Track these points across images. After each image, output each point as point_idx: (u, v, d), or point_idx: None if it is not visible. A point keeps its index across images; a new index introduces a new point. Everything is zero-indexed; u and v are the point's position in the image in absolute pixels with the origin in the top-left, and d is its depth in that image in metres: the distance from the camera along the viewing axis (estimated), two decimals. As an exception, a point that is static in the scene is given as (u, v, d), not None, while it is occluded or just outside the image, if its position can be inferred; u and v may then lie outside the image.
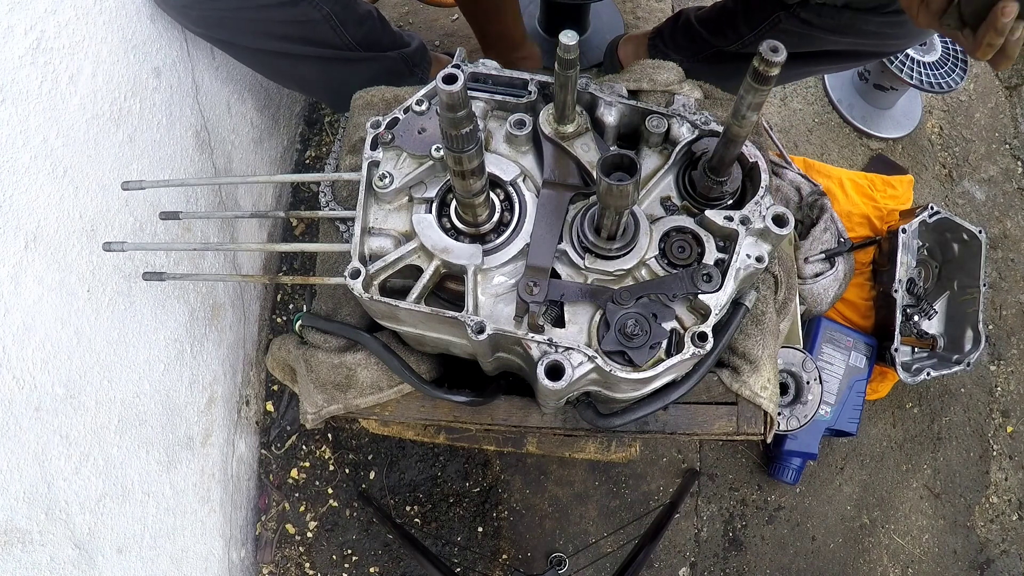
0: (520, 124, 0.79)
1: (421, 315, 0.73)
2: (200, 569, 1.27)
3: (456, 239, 0.74)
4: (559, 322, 0.73)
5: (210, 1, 1.00)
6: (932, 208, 1.55)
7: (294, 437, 1.57)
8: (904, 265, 1.52)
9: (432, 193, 0.77)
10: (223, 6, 1.01)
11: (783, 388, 1.39)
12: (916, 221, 1.54)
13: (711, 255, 0.75)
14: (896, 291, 1.51)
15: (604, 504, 1.57)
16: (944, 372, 1.52)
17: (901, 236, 1.53)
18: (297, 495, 1.55)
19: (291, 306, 1.65)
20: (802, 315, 1.52)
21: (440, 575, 1.20)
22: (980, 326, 1.50)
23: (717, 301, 0.71)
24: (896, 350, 1.51)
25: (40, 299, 0.83)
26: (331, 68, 1.19)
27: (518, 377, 0.93)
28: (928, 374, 1.51)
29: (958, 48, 1.78)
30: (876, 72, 1.82)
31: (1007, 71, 2.01)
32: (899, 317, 1.51)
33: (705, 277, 0.72)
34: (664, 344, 0.71)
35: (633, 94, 0.99)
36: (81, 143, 0.88)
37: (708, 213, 0.75)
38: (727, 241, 0.76)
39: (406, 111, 0.79)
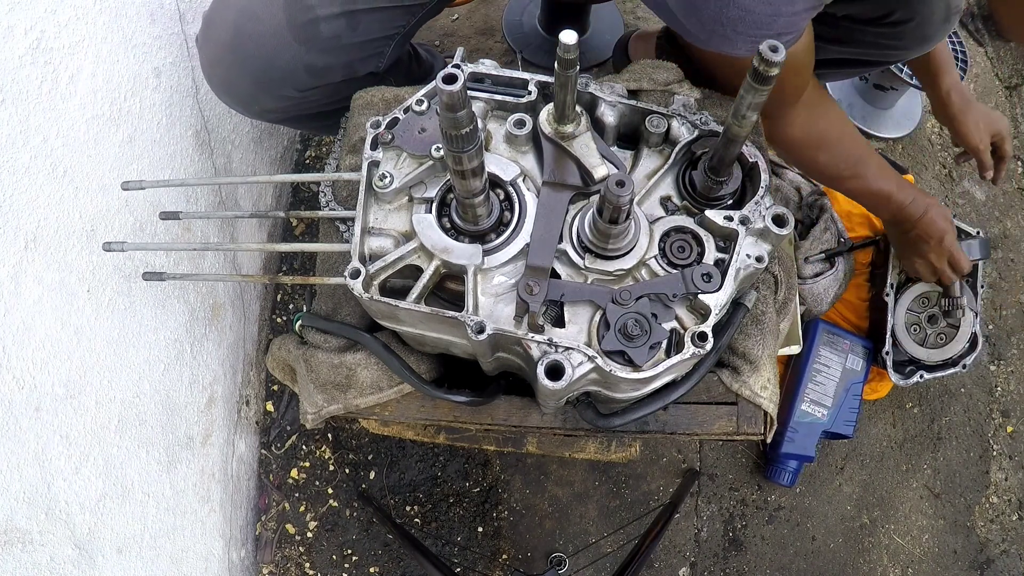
0: (520, 124, 0.79)
1: (421, 315, 0.73)
2: (200, 569, 1.27)
3: (456, 239, 0.74)
4: (559, 322, 0.73)
5: (296, 106, 1.06)
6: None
7: (294, 437, 1.57)
8: (896, 268, 1.52)
9: (432, 193, 0.77)
10: (308, 107, 1.08)
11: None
12: None
13: (711, 255, 0.75)
14: (887, 294, 1.51)
15: (604, 504, 1.57)
16: (939, 374, 1.52)
17: None
18: (297, 495, 1.55)
19: (291, 306, 1.65)
20: (802, 315, 1.52)
21: (440, 575, 1.20)
22: (979, 326, 1.50)
23: (717, 301, 0.71)
24: (887, 353, 1.50)
25: (40, 299, 0.83)
26: None
27: (518, 377, 0.93)
28: (921, 376, 1.51)
29: (957, 48, 1.78)
30: (876, 72, 1.82)
31: (1007, 71, 2.01)
32: (890, 320, 1.51)
33: (705, 277, 0.72)
34: (664, 344, 0.71)
35: (633, 94, 0.99)
36: (81, 143, 0.88)
37: (708, 213, 0.75)
38: (727, 241, 0.76)
39: (406, 111, 0.79)
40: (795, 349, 1.42)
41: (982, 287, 1.52)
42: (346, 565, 1.52)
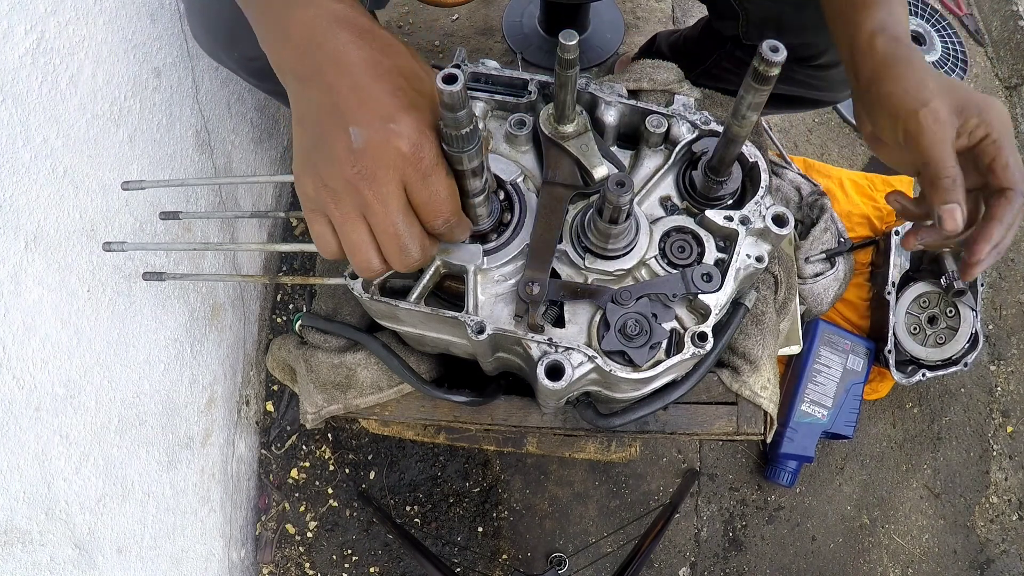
0: (520, 124, 0.79)
1: (421, 315, 0.72)
2: (200, 569, 1.27)
3: (456, 239, 0.74)
4: (559, 322, 0.73)
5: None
6: (929, 209, 1.55)
7: (294, 437, 1.57)
8: (897, 267, 1.52)
9: (432, 193, 0.77)
10: None
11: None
12: (910, 223, 1.54)
13: (711, 255, 0.75)
14: (889, 292, 1.51)
15: (604, 504, 1.57)
16: (940, 373, 1.52)
17: (894, 238, 1.53)
18: (297, 495, 1.55)
19: (291, 306, 1.65)
20: (802, 315, 1.52)
21: (440, 575, 1.20)
22: (979, 326, 1.50)
23: (717, 301, 0.71)
24: (889, 351, 1.50)
25: (40, 299, 0.83)
26: None
27: (518, 377, 0.93)
28: (923, 375, 1.51)
29: (958, 48, 1.78)
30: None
31: (1007, 71, 2.01)
32: (892, 318, 1.51)
33: (705, 277, 0.72)
34: (664, 344, 0.71)
35: (633, 94, 1.00)
36: (81, 143, 0.88)
37: (708, 213, 0.75)
38: (727, 241, 0.76)
39: (406, 111, 0.79)
40: (795, 349, 1.42)
41: (982, 286, 1.53)
42: (346, 565, 1.52)
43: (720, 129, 0.78)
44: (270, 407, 1.58)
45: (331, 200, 0.55)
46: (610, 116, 0.80)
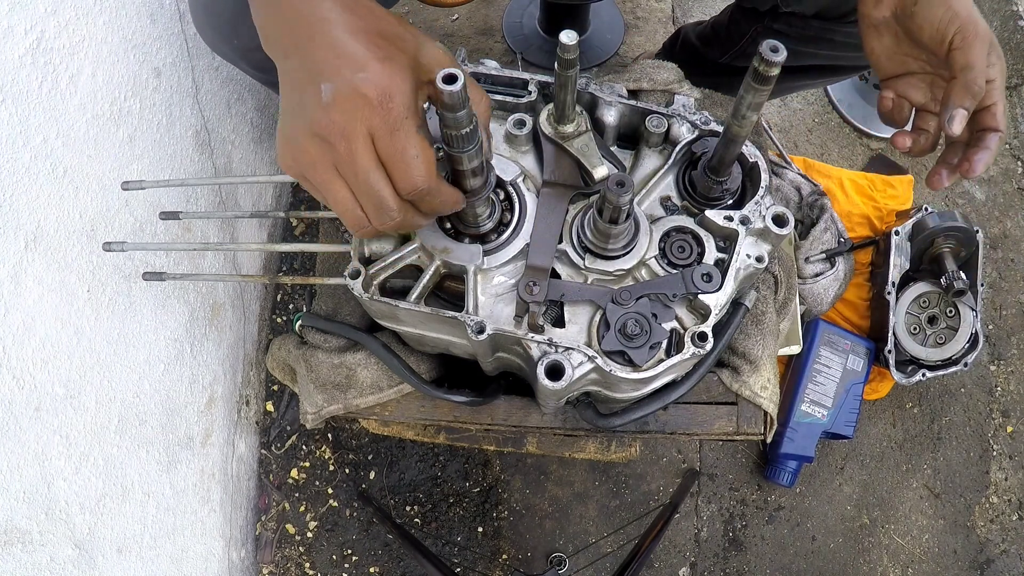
0: (520, 124, 0.79)
1: (421, 315, 0.72)
2: (200, 569, 1.27)
3: (456, 239, 0.74)
4: (559, 322, 0.73)
5: None
6: (927, 209, 1.55)
7: (294, 437, 1.57)
8: (897, 267, 1.52)
9: (432, 193, 0.77)
10: None
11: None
12: (910, 223, 1.54)
13: (711, 255, 0.75)
14: (889, 292, 1.51)
15: (604, 504, 1.57)
16: (940, 373, 1.52)
17: (894, 238, 1.53)
18: (297, 495, 1.55)
19: (291, 306, 1.65)
20: (802, 315, 1.52)
21: (440, 575, 1.20)
22: (979, 326, 1.50)
23: (717, 301, 0.71)
24: (890, 351, 1.50)
25: (40, 299, 0.83)
26: None
27: (518, 377, 0.93)
28: (923, 375, 1.51)
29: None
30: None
31: (1007, 71, 2.01)
32: (892, 318, 1.51)
33: (705, 277, 0.72)
34: (664, 344, 0.71)
35: (633, 94, 1.00)
36: (81, 143, 0.88)
37: (708, 213, 0.75)
38: (727, 241, 0.76)
39: (406, 111, 0.79)
40: (795, 349, 1.42)
41: (982, 286, 1.53)
42: (346, 565, 1.52)
43: (720, 129, 0.78)
44: (270, 407, 1.58)
45: (308, 165, 0.54)
46: (610, 116, 0.80)
